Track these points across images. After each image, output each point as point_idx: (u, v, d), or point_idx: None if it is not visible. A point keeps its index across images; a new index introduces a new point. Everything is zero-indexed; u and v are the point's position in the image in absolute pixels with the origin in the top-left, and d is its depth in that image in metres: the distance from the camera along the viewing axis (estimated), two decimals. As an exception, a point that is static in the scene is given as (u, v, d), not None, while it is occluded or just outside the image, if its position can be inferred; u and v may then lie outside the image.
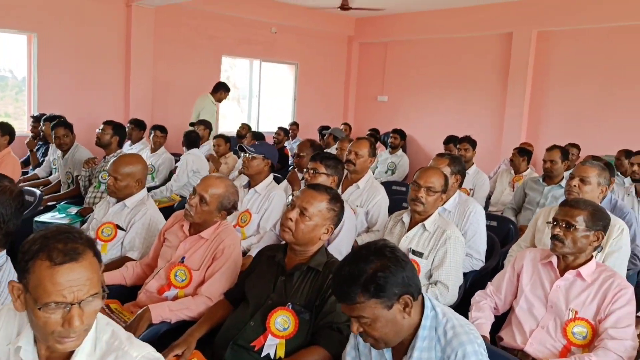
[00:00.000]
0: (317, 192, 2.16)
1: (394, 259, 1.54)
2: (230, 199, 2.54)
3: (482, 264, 3.29)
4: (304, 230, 2.10)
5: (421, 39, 9.54)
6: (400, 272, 1.52)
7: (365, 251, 1.58)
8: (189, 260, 2.49)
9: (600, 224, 2.34)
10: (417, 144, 9.72)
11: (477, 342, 1.51)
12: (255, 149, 3.57)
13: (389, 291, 1.49)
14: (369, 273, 1.50)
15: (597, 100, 7.53)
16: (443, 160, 3.47)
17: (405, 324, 1.56)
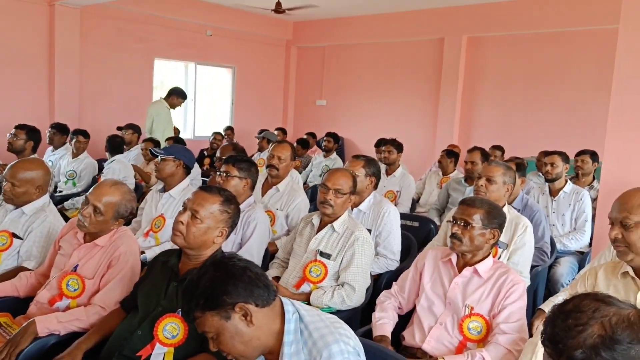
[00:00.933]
0: (209, 193, 2.10)
1: (227, 269, 1.52)
2: (127, 207, 2.44)
3: (397, 264, 3.31)
4: (195, 233, 2.03)
5: (358, 44, 9.64)
6: (232, 281, 1.49)
7: (207, 264, 1.59)
8: (83, 268, 2.37)
9: (496, 222, 2.39)
10: (355, 147, 9.80)
11: (343, 341, 1.49)
12: (165, 150, 3.48)
13: (219, 302, 1.47)
14: (199, 287, 1.50)
15: (523, 103, 7.81)
16: (358, 162, 3.48)
17: (257, 332, 1.50)
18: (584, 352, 1.06)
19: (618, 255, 1.88)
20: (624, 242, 1.82)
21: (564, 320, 1.12)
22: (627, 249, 1.82)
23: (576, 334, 1.08)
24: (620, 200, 1.88)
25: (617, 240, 1.83)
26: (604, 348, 1.05)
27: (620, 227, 1.83)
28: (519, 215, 3.19)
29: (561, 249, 4.02)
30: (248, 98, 10.11)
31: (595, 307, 1.12)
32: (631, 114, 3.19)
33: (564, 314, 1.13)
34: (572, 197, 4.27)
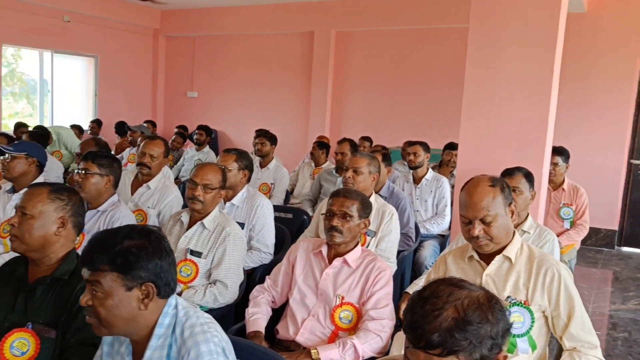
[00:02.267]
0: (35, 188, 1.97)
1: (157, 244, 1.48)
2: None
3: (271, 257, 3.31)
4: (29, 232, 1.87)
5: (229, 35, 9.48)
6: (157, 259, 1.46)
7: (131, 228, 1.50)
8: None
9: (368, 212, 2.49)
10: (228, 140, 9.66)
11: (213, 342, 1.45)
12: (15, 147, 3.16)
13: (135, 271, 1.44)
14: (124, 246, 1.43)
15: (389, 96, 8.19)
16: (230, 156, 3.42)
17: (140, 317, 1.47)
18: (440, 335, 1.11)
19: (478, 248, 1.99)
20: (485, 237, 1.93)
21: (422, 306, 1.16)
22: (490, 241, 1.94)
23: (433, 318, 1.13)
24: (474, 200, 1.93)
25: (479, 237, 1.93)
26: (457, 330, 1.11)
27: (481, 223, 1.92)
28: (386, 203, 3.34)
29: (424, 233, 4.29)
30: (113, 89, 9.51)
31: (449, 292, 1.18)
32: (481, 105, 3.47)
33: (422, 301, 1.18)
34: (433, 184, 4.56)
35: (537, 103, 3.30)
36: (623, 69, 6.37)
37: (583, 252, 6.13)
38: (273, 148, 5.41)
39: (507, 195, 1.99)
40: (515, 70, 3.35)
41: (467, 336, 1.11)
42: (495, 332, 1.14)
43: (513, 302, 1.96)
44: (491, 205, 1.93)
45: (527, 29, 3.32)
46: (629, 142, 6.48)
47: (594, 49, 6.44)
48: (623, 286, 5.16)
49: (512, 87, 3.37)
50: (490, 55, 3.43)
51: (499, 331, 1.14)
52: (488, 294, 1.20)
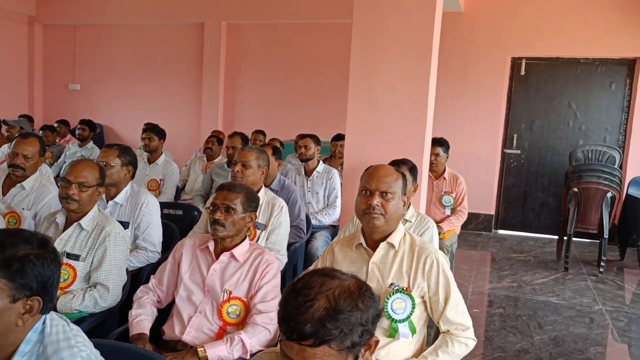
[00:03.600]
0: None
1: (54, 256, 1.39)
2: None
3: (159, 255, 3.21)
4: None
5: (114, 24, 8.99)
6: (51, 272, 1.36)
7: (29, 234, 1.38)
8: None
9: (254, 205, 2.48)
10: (116, 135, 9.20)
11: (81, 356, 1.37)
12: None
13: (27, 282, 1.31)
14: (21, 252, 1.31)
15: (282, 90, 8.22)
16: (112, 152, 3.25)
17: (13, 332, 1.33)
18: (312, 325, 1.13)
19: (369, 222, 2.05)
20: (381, 210, 2.02)
21: (295, 298, 1.18)
22: (382, 216, 2.03)
23: (305, 310, 1.15)
24: (380, 173, 2.08)
25: (375, 208, 2.02)
26: (328, 319, 1.14)
27: (380, 196, 2.03)
28: (275, 196, 3.36)
29: (316, 224, 4.37)
30: (-19, 80, 8.71)
31: (322, 282, 1.20)
32: (365, 99, 3.59)
33: (295, 293, 1.19)
34: (324, 176, 4.65)
35: (416, 97, 3.47)
36: (496, 65, 6.87)
37: (464, 236, 6.56)
38: (162, 143, 5.22)
39: (405, 186, 2.13)
40: (395, 66, 3.50)
41: (338, 325, 1.13)
42: (365, 319, 1.18)
43: (396, 288, 2.05)
44: (393, 183, 2.06)
45: (405, 27, 3.47)
46: (502, 133, 7.02)
47: (471, 46, 6.88)
48: (499, 266, 5.59)
49: (393, 82, 3.51)
50: (372, 51, 3.55)
51: (369, 317, 1.19)
52: (359, 282, 1.24)
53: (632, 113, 6.48)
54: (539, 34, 6.65)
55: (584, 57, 6.64)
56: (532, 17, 6.65)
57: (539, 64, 6.84)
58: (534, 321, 4.12)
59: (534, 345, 3.69)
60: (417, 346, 2.12)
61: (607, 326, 4.10)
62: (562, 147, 6.78)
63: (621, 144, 6.62)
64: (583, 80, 6.70)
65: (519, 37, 6.74)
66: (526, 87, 6.91)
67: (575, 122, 6.77)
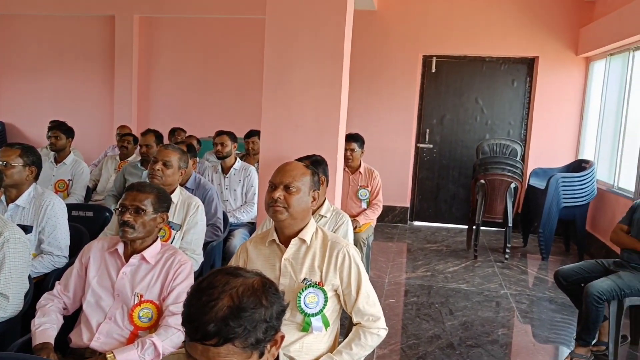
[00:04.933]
0: None
1: None
2: None
3: (66, 260, 3.06)
4: None
5: (15, 15, 8.44)
6: None
7: None
8: None
9: (165, 205, 2.43)
10: (20, 133, 8.65)
11: None
12: None
13: None
14: None
15: (200, 86, 8.06)
16: (13, 151, 3.05)
17: None
18: (216, 325, 1.12)
19: (274, 215, 2.07)
20: (284, 203, 2.04)
21: (198, 298, 1.17)
22: (285, 209, 2.05)
23: (209, 309, 1.14)
24: (286, 168, 2.11)
25: (278, 201, 2.04)
26: (232, 317, 1.14)
27: (284, 190, 2.05)
28: (191, 195, 3.31)
29: (234, 222, 4.34)
30: None
31: (225, 281, 1.20)
32: (280, 95, 3.59)
33: (199, 293, 1.19)
34: (241, 173, 4.63)
35: (329, 94, 3.52)
36: (409, 62, 7.12)
37: (381, 228, 6.76)
38: (70, 141, 4.96)
39: (315, 182, 2.15)
40: (308, 63, 3.53)
41: (242, 322, 1.14)
42: (269, 315, 1.19)
43: (308, 283, 2.08)
44: (298, 178, 2.08)
45: (317, 25, 3.51)
46: (415, 128, 7.29)
47: (384, 44, 7.08)
48: (414, 256, 5.81)
49: (306, 79, 3.54)
50: (286, 48, 3.57)
51: (273, 314, 1.20)
52: (263, 279, 1.25)
53: (532, 108, 6.95)
54: (448, 33, 6.96)
55: (488, 55, 7.02)
56: (442, 17, 6.95)
57: (448, 61, 7.16)
58: (445, 308, 4.33)
59: (445, 331, 3.88)
60: (331, 339, 2.17)
61: (512, 309, 4.38)
62: (470, 140, 7.14)
63: (523, 137, 7.08)
64: (488, 77, 7.09)
65: (430, 36, 7.01)
66: (437, 83, 7.21)
67: (482, 117, 7.14)
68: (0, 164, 2.91)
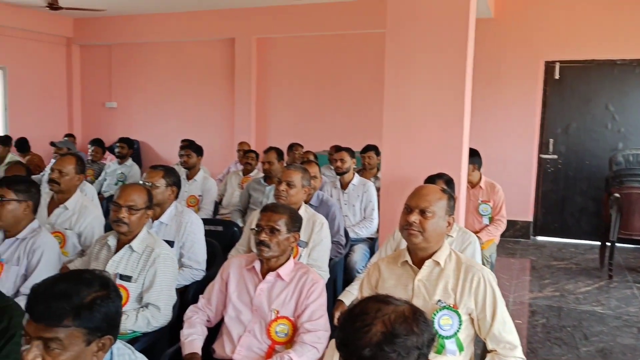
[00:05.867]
0: None
1: (115, 293, 1.47)
2: None
3: (204, 273, 3.28)
4: None
5: (147, 43, 9.24)
6: (116, 310, 1.45)
7: (90, 275, 1.44)
8: None
9: (297, 225, 2.53)
10: (152, 151, 9.42)
11: None
12: None
13: (97, 325, 1.39)
14: (87, 297, 1.37)
15: (314, 101, 8.29)
16: (157, 173, 3.36)
17: None
18: (371, 349, 1.18)
19: (408, 238, 2.09)
20: (419, 227, 2.06)
21: (352, 324, 1.23)
22: (420, 233, 2.06)
23: (363, 334, 1.20)
24: (422, 192, 2.14)
25: (413, 225, 2.06)
26: (386, 343, 1.19)
27: (419, 214, 2.06)
28: (315, 213, 3.41)
29: (354, 237, 4.39)
30: (25, 102, 9.02)
31: (377, 308, 1.25)
32: (400, 112, 3.59)
33: (352, 318, 1.24)
34: (359, 188, 4.68)
35: (452, 107, 3.46)
36: (529, 70, 6.80)
37: (502, 243, 6.48)
38: (199, 159, 5.34)
39: (451, 206, 2.15)
40: (430, 76, 3.50)
41: (396, 348, 1.18)
42: (421, 343, 1.22)
43: (443, 305, 2.07)
44: (434, 202, 2.09)
45: (439, 35, 3.46)
46: (537, 138, 6.93)
47: (503, 52, 6.83)
48: (539, 274, 5.51)
49: (428, 92, 3.51)
50: (406, 62, 3.55)
51: (424, 341, 1.23)
52: (412, 308, 1.28)
53: (673, 114, 6.33)
54: (572, 36, 6.56)
55: (620, 58, 6.51)
56: (564, 20, 6.57)
57: (573, 66, 6.74)
58: (579, 332, 4.06)
59: (580, 358, 3.64)
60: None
61: (656, 336, 4.01)
62: (600, 150, 6.66)
63: (662, 146, 6.46)
64: (620, 82, 6.57)
65: (552, 41, 6.66)
66: (561, 90, 6.81)
67: (613, 125, 6.63)
68: (147, 184, 3.19)
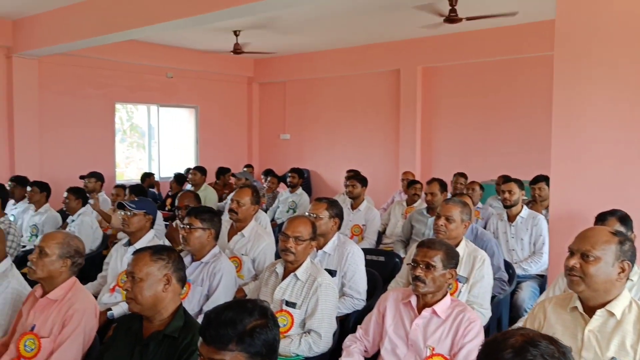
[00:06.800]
0: (139, 253, 2.19)
1: (273, 321, 1.60)
2: (71, 245, 2.55)
3: (364, 303, 3.37)
4: (141, 294, 2.08)
5: (318, 78, 9.85)
6: (275, 336, 1.58)
7: (251, 305, 1.61)
8: (40, 327, 2.42)
9: (454, 262, 2.50)
10: (321, 180, 9.92)
11: None
12: (137, 205, 3.49)
13: (258, 350, 1.53)
14: (249, 325, 1.53)
15: (479, 129, 8.07)
16: (321, 205, 3.56)
17: None
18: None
19: (570, 284, 1.96)
20: (580, 273, 1.91)
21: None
22: (581, 279, 1.91)
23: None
24: (586, 234, 1.99)
25: (574, 269, 1.92)
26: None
27: (580, 257, 1.92)
28: (477, 248, 3.31)
29: (521, 273, 4.15)
30: (212, 136, 10.17)
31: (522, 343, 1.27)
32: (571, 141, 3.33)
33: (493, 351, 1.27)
34: (529, 221, 4.42)
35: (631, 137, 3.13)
36: None
37: None
38: (364, 189, 5.50)
39: (625, 251, 1.94)
40: (605, 101, 3.20)
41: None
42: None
43: (618, 364, 1.87)
44: (598, 246, 1.92)
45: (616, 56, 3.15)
46: None
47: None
48: None
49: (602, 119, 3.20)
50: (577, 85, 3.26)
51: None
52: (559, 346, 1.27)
53: None
54: None
55: None
56: None
57: None
58: None
59: None
60: None
61: None
62: None
63: None
64: None
65: None
66: None
67: None
68: (311, 216, 3.39)
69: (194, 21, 5.41)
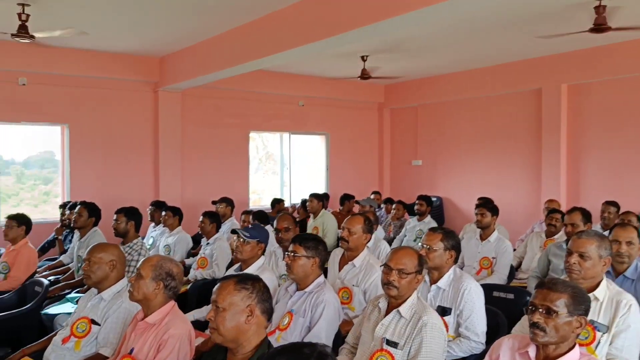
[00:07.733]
0: (223, 282, 2.08)
1: None
2: (164, 267, 2.55)
3: (483, 346, 2.99)
4: (224, 325, 1.98)
5: (451, 101, 9.45)
6: None
7: (309, 350, 1.49)
8: (138, 350, 2.43)
9: (583, 308, 2.08)
10: (454, 207, 9.41)
11: None
12: (250, 233, 3.50)
13: None
14: None
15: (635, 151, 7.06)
16: (435, 236, 3.25)
17: None
18: None
19: None
20: None
21: None
22: None
23: None
24: None
25: None
26: None
27: None
28: (621, 291, 2.75)
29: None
30: (342, 162, 10.19)
31: None
32: None
33: None
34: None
35: None
36: None
37: None
38: (494, 219, 5.01)
39: None
40: None
41: None
42: None
43: None
44: None
45: None
46: None
47: None
48: None
49: None
50: None
51: None
52: None
53: None
54: None
55: None
56: None
57: None
58: None
59: None
60: None
61: None
62: None
63: None
64: None
65: None
66: None
67: None
68: (424, 247, 3.11)
69: (319, 46, 5.42)
